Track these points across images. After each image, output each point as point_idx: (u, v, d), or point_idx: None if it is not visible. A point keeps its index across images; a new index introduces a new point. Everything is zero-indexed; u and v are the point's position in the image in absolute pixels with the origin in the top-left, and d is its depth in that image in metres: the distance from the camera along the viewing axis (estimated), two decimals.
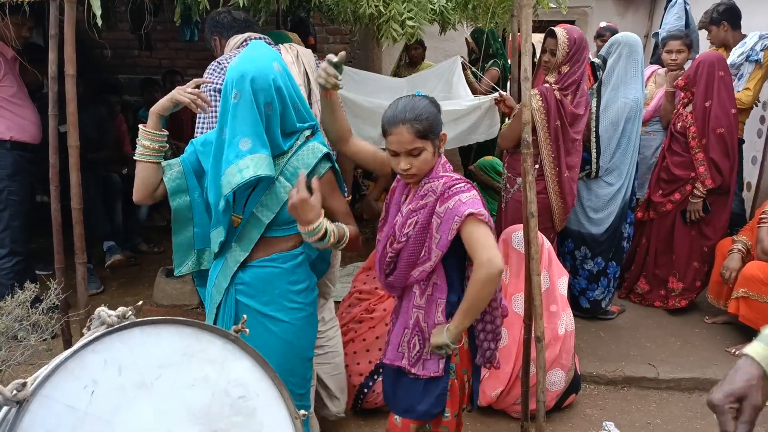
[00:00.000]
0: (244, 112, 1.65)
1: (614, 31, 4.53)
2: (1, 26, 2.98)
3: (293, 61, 2.48)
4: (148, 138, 1.79)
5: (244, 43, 2.51)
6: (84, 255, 2.50)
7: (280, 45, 2.53)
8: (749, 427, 1.03)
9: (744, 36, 3.96)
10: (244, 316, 1.18)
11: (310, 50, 2.53)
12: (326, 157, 1.77)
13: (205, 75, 2.31)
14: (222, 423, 0.98)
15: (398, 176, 1.84)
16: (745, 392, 1.02)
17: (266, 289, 1.78)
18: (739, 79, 3.82)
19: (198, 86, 1.88)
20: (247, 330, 1.08)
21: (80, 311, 2.50)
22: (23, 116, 3.32)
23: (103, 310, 0.93)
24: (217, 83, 2.25)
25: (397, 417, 1.92)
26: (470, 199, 1.66)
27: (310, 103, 2.51)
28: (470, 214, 1.62)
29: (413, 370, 1.80)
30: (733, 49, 3.92)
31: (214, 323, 1.81)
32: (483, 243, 1.62)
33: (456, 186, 1.70)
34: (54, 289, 2.46)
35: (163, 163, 1.84)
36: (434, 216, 1.70)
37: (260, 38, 2.54)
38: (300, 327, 1.84)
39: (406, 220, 1.75)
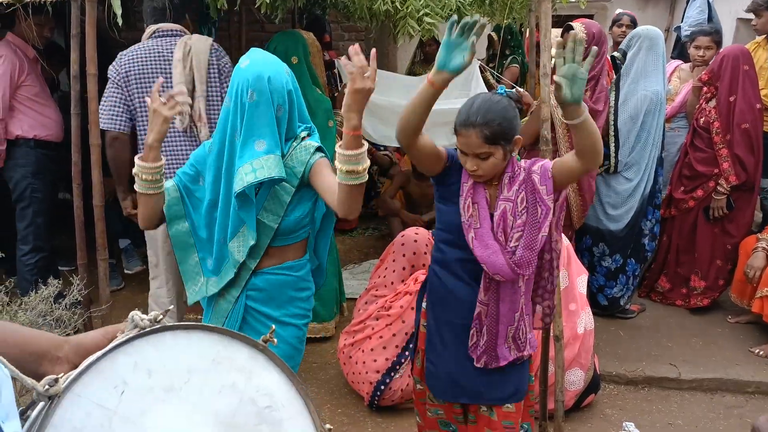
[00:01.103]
0: (262, 112, 1.63)
1: (632, 17, 4.43)
2: (24, 26, 3.03)
3: (180, 58, 2.50)
4: (148, 173, 1.67)
5: (155, 34, 2.58)
6: (106, 252, 2.54)
7: (176, 39, 2.55)
8: None
9: None
10: (272, 326, 1.18)
11: (208, 45, 2.53)
12: (318, 149, 1.74)
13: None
14: (249, 431, 0.98)
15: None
16: None
17: (277, 295, 1.77)
18: None
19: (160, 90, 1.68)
20: (275, 340, 1.08)
21: (102, 307, 2.54)
22: (46, 115, 3.38)
23: (136, 314, 0.95)
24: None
25: (490, 412, 1.86)
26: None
27: (193, 98, 2.52)
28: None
29: (525, 354, 1.82)
30: None
31: None
32: None
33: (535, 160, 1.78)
34: (77, 285, 2.50)
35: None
36: (532, 175, 1.73)
37: (171, 30, 2.57)
38: (304, 333, 1.85)
39: (515, 201, 1.73)
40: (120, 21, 2.42)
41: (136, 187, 1.70)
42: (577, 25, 2.94)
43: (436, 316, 1.88)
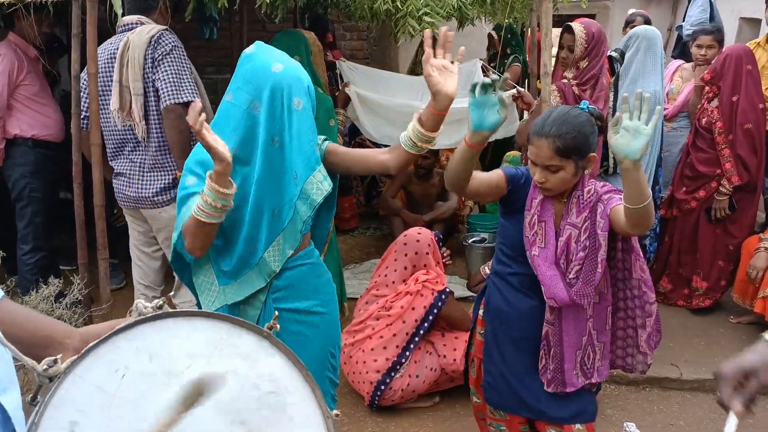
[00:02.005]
0: (308, 116, 1.60)
1: (645, 17, 4.40)
2: (25, 25, 3.04)
3: (119, 56, 2.43)
4: (225, 199, 1.47)
5: (127, 26, 2.49)
6: (106, 251, 2.55)
7: (118, 36, 2.50)
8: (747, 403, 1.02)
9: None
10: (276, 312, 1.17)
11: (146, 39, 2.43)
12: (324, 139, 1.76)
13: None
14: (250, 415, 0.98)
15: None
16: (755, 369, 1.03)
17: (302, 287, 1.74)
18: None
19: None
20: (279, 326, 1.08)
21: (103, 306, 2.55)
22: (46, 114, 3.38)
23: (140, 303, 0.98)
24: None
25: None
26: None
27: (130, 97, 2.45)
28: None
29: (593, 380, 1.79)
30: None
31: None
32: None
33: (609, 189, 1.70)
34: (77, 285, 2.51)
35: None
36: (599, 203, 1.67)
37: (127, 24, 2.50)
38: (336, 317, 1.83)
39: (580, 229, 1.68)
40: (120, 22, 2.42)
41: (203, 217, 1.47)
42: (577, 25, 2.93)
43: (494, 328, 1.85)
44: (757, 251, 3.27)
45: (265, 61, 1.58)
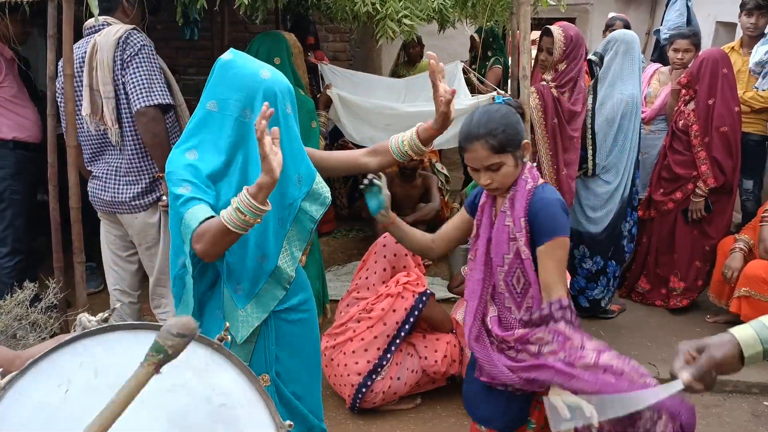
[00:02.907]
0: (295, 123, 1.60)
1: (624, 21, 4.46)
2: (1, 26, 2.99)
3: (88, 60, 2.39)
4: (258, 215, 1.40)
5: (93, 28, 2.44)
6: (82, 254, 2.51)
7: (85, 39, 2.46)
8: (696, 375, 1.05)
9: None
10: (227, 323, 1.17)
11: (114, 40, 2.37)
12: None
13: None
14: (202, 429, 0.98)
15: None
16: (707, 344, 1.08)
17: (293, 285, 1.71)
18: (763, 77, 3.77)
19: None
20: (230, 337, 1.08)
21: (79, 310, 2.51)
22: (25, 116, 3.33)
23: (84, 316, 0.95)
24: None
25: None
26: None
27: (101, 102, 2.40)
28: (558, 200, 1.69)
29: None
30: (756, 47, 3.85)
31: (252, 357, 1.64)
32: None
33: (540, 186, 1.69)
34: (53, 288, 2.47)
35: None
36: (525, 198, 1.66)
37: (91, 27, 2.45)
38: (316, 315, 1.83)
39: (508, 236, 1.67)
40: (98, 22, 2.39)
41: (233, 226, 1.39)
42: (555, 29, 2.97)
43: None
44: (732, 252, 3.33)
45: (253, 68, 1.55)
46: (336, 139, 4.68)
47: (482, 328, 1.73)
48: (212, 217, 1.43)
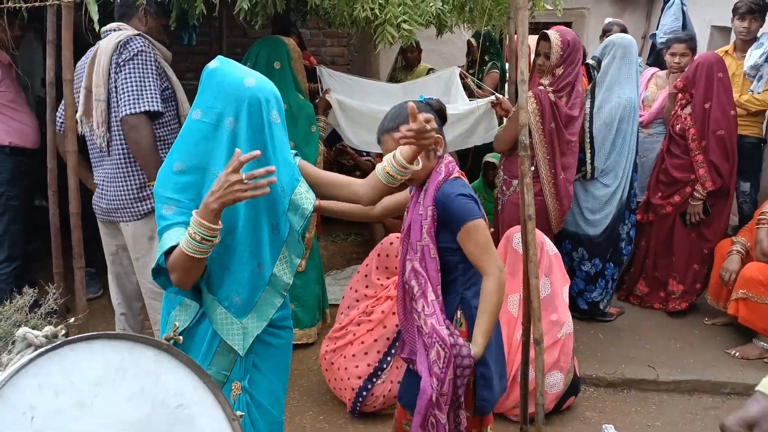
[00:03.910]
0: (282, 130, 1.57)
1: (621, 26, 4.48)
2: None
3: (88, 63, 2.41)
4: (213, 235, 1.41)
5: (105, 33, 2.43)
6: (82, 260, 2.50)
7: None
8: None
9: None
10: (176, 323, 1.18)
11: (113, 44, 2.37)
12: (294, 154, 1.74)
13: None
14: None
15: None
16: (756, 420, 1.10)
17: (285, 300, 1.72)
18: (758, 80, 3.80)
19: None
20: (181, 338, 1.09)
21: (79, 316, 2.50)
22: (22, 121, 3.33)
23: (28, 332, 0.93)
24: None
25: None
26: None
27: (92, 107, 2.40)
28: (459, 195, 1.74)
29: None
30: (750, 51, 3.89)
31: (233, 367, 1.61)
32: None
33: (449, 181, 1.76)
34: (52, 294, 2.46)
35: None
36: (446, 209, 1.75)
37: (116, 28, 2.46)
38: (291, 338, 1.83)
39: (420, 224, 1.77)
40: (97, 27, 2.39)
41: (191, 252, 1.40)
42: (553, 33, 2.98)
43: None
44: (730, 254, 3.35)
45: (237, 76, 1.51)
46: (335, 143, 4.68)
47: (406, 304, 1.85)
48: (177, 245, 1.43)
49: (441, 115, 1.81)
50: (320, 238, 4.36)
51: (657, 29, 4.86)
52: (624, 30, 4.35)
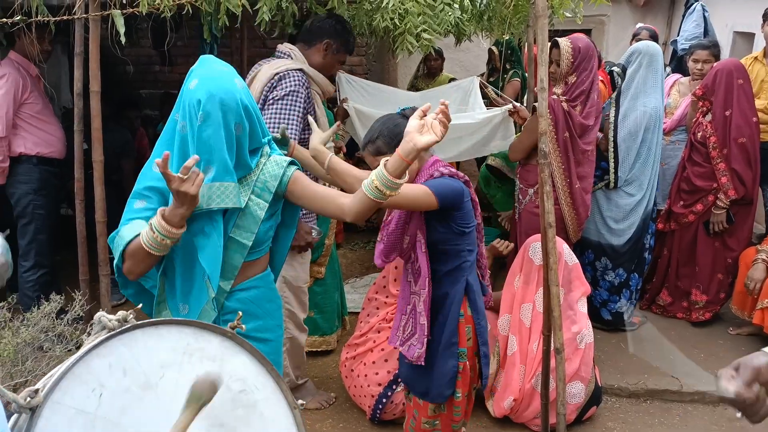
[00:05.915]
0: (209, 135, 1.51)
1: (651, 31, 4.43)
2: (27, 44, 3.07)
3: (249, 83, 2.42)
4: (173, 238, 1.51)
5: (278, 53, 2.47)
6: (107, 267, 2.55)
7: (265, 60, 2.47)
8: (745, 386, 1.08)
9: None
10: (239, 312, 1.20)
11: (269, 74, 2.41)
12: (291, 163, 1.70)
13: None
14: (226, 417, 1.01)
15: None
16: (742, 361, 1.11)
17: (255, 311, 1.70)
18: None
19: None
20: (244, 326, 1.11)
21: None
22: (49, 132, 3.41)
23: (102, 315, 0.97)
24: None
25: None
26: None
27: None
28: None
29: (401, 350, 2.00)
30: None
31: None
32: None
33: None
34: (78, 301, 2.51)
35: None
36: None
37: (288, 52, 2.48)
38: (281, 344, 1.84)
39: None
40: (123, 39, 2.45)
41: (150, 248, 1.50)
42: (563, 40, 2.95)
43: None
44: (755, 263, 3.29)
45: (187, 79, 1.56)
46: (354, 151, 4.71)
47: (409, 291, 2.00)
48: (138, 236, 1.53)
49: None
50: (339, 246, 4.38)
51: (678, 35, 4.82)
52: (654, 36, 4.31)
